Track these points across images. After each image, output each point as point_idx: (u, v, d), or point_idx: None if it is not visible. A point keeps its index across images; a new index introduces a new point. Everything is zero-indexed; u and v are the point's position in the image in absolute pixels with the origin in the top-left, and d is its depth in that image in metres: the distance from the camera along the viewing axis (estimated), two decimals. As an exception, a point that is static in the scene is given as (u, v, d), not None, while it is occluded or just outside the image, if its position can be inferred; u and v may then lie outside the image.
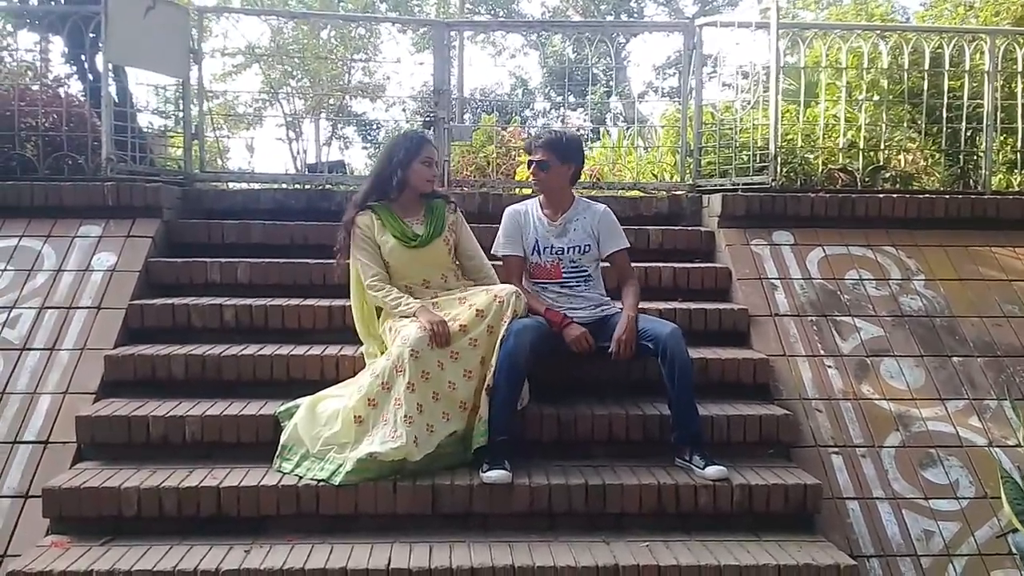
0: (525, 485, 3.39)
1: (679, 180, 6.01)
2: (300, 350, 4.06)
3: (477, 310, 3.57)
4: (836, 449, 3.86)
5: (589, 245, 3.95)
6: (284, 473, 3.44)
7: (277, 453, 3.52)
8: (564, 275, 3.94)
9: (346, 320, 4.24)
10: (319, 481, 3.36)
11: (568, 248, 3.94)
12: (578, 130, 12.01)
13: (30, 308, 4.26)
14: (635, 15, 27.16)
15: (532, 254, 3.97)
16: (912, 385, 4.15)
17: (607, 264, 4.08)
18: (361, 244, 3.81)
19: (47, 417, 3.78)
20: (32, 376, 3.96)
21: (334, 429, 3.48)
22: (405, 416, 3.38)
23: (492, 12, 25.84)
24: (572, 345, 3.72)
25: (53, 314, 4.23)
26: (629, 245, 4.08)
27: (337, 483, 3.33)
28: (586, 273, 3.96)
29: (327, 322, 4.29)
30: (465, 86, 6.41)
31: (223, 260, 4.66)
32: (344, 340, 4.16)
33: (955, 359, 4.29)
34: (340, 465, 3.38)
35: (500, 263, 4.08)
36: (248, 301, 4.35)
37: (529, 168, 4.02)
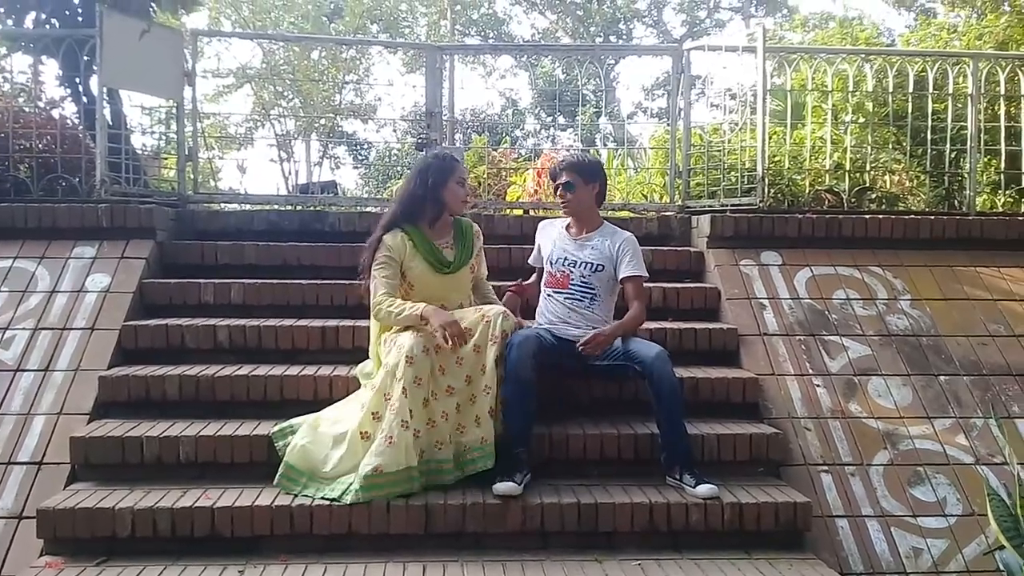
0: (518, 504, 3.41)
1: (668, 201, 6.07)
2: (293, 370, 4.08)
3: (465, 328, 3.60)
4: (825, 467, 3.89)
5: (603, 265, 3.96)
6: (293, 495, 3.43)
7: (282, 474, 3.50)
8: (571, 287, 3.96)
9: (339, 341, 4.28)
10: (330, 500, 3.36)
11: (581, 263, 3.97)
12: (568, 149, 12.10)
13: (24, 329, 4.27)
14: (624, 37, 27.43)
15: (547, 263, 4.06)
16: (899, 403, 4.20)
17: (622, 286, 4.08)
18: (383, 261, 3.70)
19: (41, 438, 3.79)
20: (26, 397, 3.96)
21: (341, 451, 3.48)
22: (402, 422, 3.39)
23: (482, 34, 26.05)
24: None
25: (47, 335, 4.25)
26: (647, 276, 4.06)
27: (348, 501, 3.34)
28: (593, 291, 3.96)
29: (320, 342, 4.31)
30: (456, 107, 6.45)
31: (216, 281, 4.68)
32: (337, 360, 4.18)
33: (942, 378, 4.35)
34: (350, 484, 3.39)
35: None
36: (241, 321, 4.37)
37: (556, 193, 4.06)
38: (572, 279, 3.97)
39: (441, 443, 3.53)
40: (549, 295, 4.02)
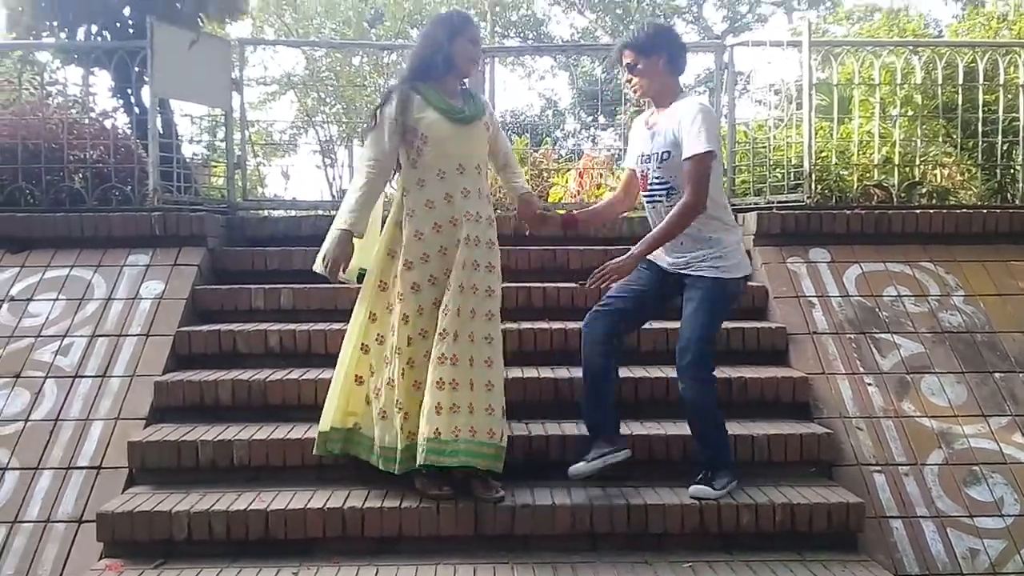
0: (567, 506, 3.42)
1: (713, 199, 6.02)
2: (343, 374, 4.13)
3: (445, 305, 3.42)
4: (878, 467, 3.84)
5: (669, 152, 3.46)
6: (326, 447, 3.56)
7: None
8: (650, 187, 3.57)
9: (387, 344, 4.31)
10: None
11: (653, 156, 3.53)
12: (608, 149, 11.95)
13: (82, 336, 4.38)
14: (664, 34, 27.14)
15: (636, 164, 3.71)
16: (954, 402, 4.12)
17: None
18: (386, 122, 3.45)
19: (99, 443, 3.89)
20: (84, 403, 4.06)
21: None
22: (396, 401, 3.44)
23: (521, 35, 26.04)
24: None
25: (104, 342, 4.35)
26: (705, 149, 3.32)
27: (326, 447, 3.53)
28: (668, 185, 3.50)
29: (368, 346, 4.35)
30: (496, 109, 6.47)
31: (267, 286, 4.75)
32: (385, 364, 4.22)
33: (997, 375, 4.26)
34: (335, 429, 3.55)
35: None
36: (291, 326, 4.44)
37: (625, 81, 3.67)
38: (649, 178, 3.57)
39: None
40: (643, 202, 3.70)
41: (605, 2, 25.68)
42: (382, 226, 3.67)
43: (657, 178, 3.53)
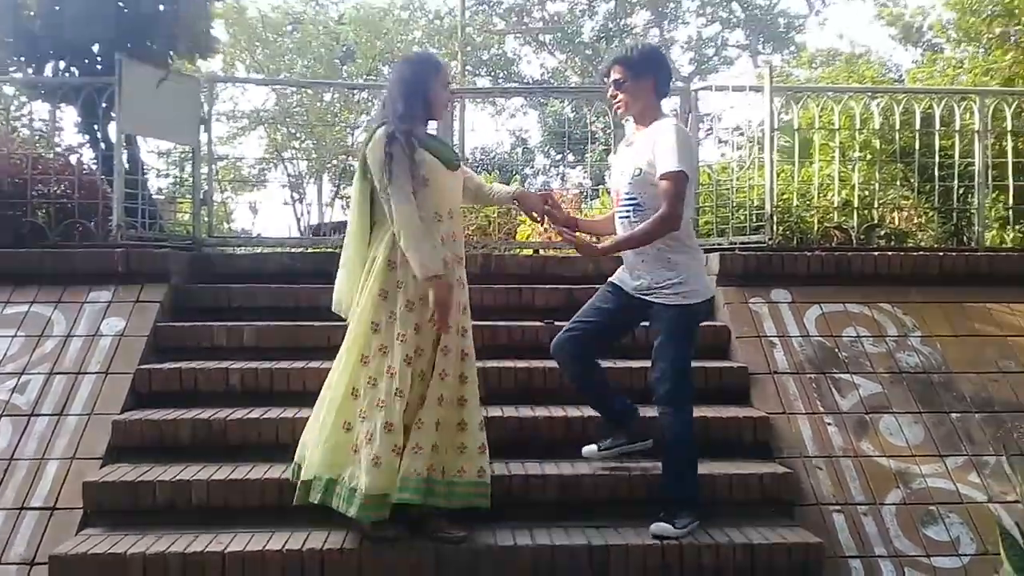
0: (528, 547, 3.40)
1: (677, 239, 6.09)
2: (305, 412, 4.05)
3: (444, 346, 3.43)
4: (837, 507, 3.87)
5: (640, 169, 3.46)
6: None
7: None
8: (620, 203, 3.58)
9: (350, 382, 4.29)
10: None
11: (624, 171, 3.56)
12: (578, 187, 12.01)
13: (39, 374, 4.31)
14: (633, 75, 27.56)
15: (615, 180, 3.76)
16: (911, 441, 4.18)
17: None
18: (408, 164, 3.32)
19: (54, 483, 3.81)
20: (40, 442, 3.99)
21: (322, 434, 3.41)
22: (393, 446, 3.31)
23: (492, 74, 26.30)
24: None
25: (62, 379, 4.29)
26: (680, 169, 3.34)
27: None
28: (636, 202, 3.51)
29: (332, 385, 4.32)
30: (466, 146, 6.52)
31: (229, 323, 4.71)
32: (348, 402, 4.19)
33: (953, 415, 4.33)
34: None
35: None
36: (254, 364, 4.40)
37: (609, 95, 3.68)
38: (621, 194, 3.58)
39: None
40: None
41: (575, 43, 26.04)
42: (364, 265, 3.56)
43: (627, 194, 3.55)
